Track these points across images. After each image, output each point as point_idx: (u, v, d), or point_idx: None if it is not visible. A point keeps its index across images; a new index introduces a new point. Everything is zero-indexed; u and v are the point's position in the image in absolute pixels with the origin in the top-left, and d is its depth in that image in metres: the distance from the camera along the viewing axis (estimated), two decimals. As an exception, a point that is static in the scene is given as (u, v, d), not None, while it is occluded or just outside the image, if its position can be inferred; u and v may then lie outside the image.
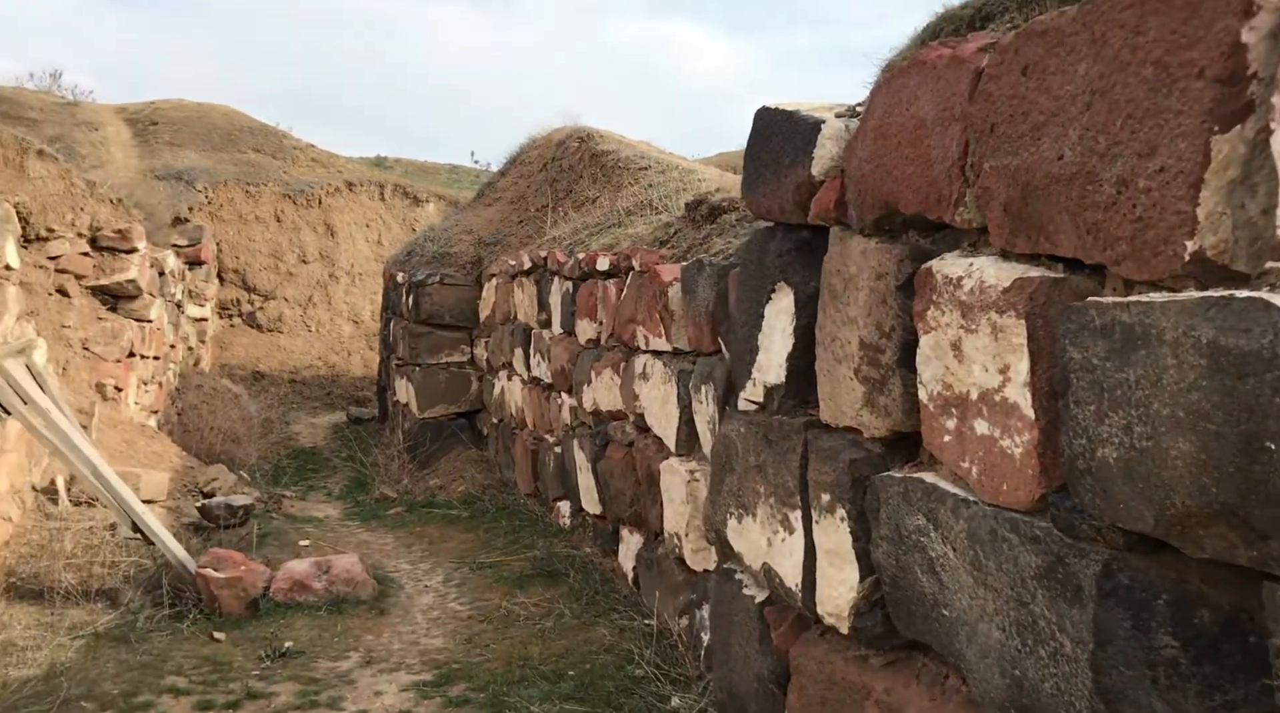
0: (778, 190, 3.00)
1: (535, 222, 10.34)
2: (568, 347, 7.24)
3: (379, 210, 18.77)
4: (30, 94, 16.97)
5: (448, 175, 23.96)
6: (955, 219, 2.19)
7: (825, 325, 2.72)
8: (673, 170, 8.40)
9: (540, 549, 6.73)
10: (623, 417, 6.11)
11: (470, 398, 10.25)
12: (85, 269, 9.44)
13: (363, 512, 8.91)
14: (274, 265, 17.11)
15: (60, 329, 9.01)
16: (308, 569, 5.93)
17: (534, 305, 8.26)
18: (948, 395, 2.18)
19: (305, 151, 19.62)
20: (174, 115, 19.26)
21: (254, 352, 16.12)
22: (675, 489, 5.08)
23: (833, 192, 2.69)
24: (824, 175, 2.75)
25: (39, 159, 9.23)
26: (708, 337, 4.83)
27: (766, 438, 3.01)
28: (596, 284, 6.68)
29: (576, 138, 10.67)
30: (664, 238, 6.23)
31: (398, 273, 11.69)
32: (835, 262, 2.68)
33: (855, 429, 2.60)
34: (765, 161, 3.11)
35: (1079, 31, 1.79)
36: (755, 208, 3.26)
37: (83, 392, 8.95)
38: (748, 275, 3.29)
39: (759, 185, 3.17)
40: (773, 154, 3.06)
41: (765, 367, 3.08)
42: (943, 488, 2.19)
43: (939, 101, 2.21)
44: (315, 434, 13.44)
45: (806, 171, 2.80)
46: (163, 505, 7.83)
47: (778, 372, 2.99)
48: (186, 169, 16.67)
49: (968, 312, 2.08)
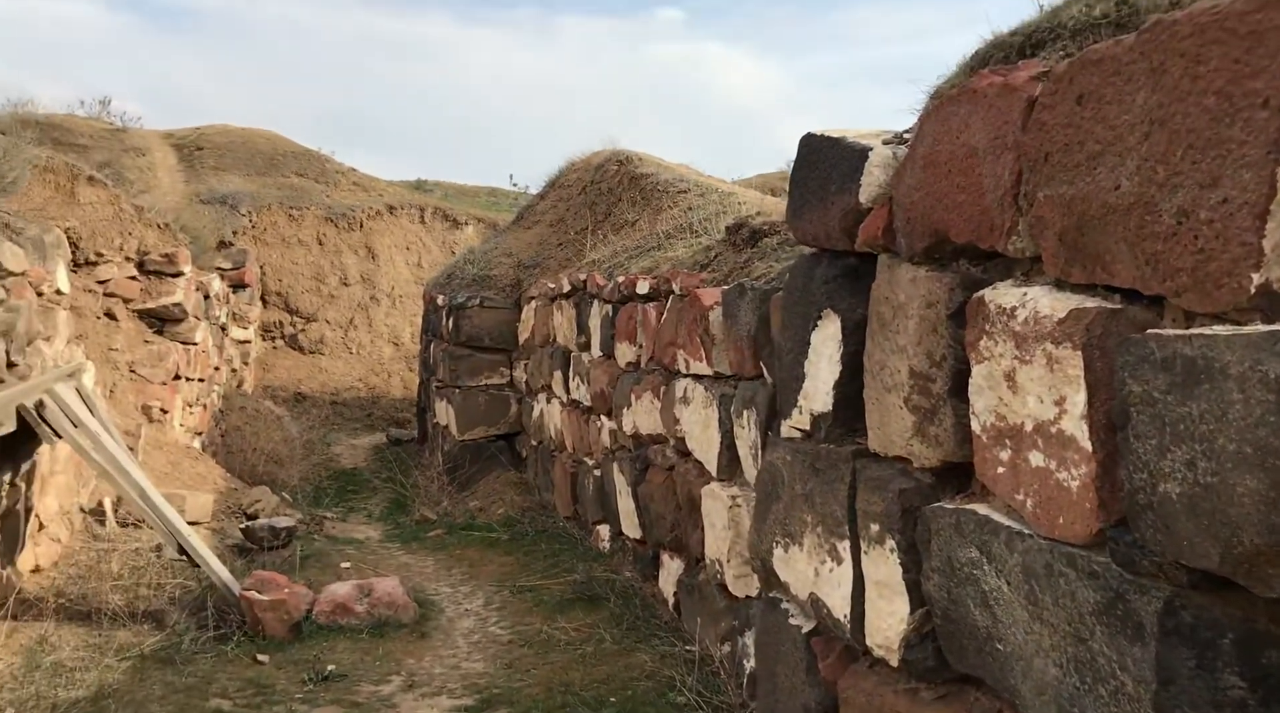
0: (824, 217, 2.99)
1: (574, 244, 10.39)
2: (607, 370, 7.24)
3: (419, 233, 18.97)
4: (80, 121, 17.38)
5: (486, 198, 24.17)
6: (1008, 248, 2.17)
7: (874, 353, 2.70)
8: (712, 193, 8.41)
9: (580, 573, 6.72)
10: (663, 441, 6.10)
11: (509, 420, 10.28)
12: (132, 293, 9.61)
13: (403, 534, 8.95)
14: (316, 288, 17.34)
15: (108, 352, 9.17)
16: (350, 592, 5.96)
17: (573, 328, 8.28)
18: (1001, 426, 2.15)
19: (347, 175, 19.89)
20: (219, 141, 19.62)
21: (296, 373, 16.31)
22: (717, 514, 5.06)
23: (881, 219, 2.68)
24: (871, 202, 2.74)
25: (89, 185, 9.44)
26: (749, 361, 4.81)
27: (813, 467, 2.99)
28: (636, 307, 6.69)
29: (615, 161, 10.72)
30: (704, 261, 6.23)
31: (438, 295, 11.78)
32: (883, 289, 2.66)
33: (905, 459, 2.58)
34: (811, 188, 3.11)
35: (1136, 61, 1.77)
36: (800, 234, 3.25)
37: (129, 414, 9.10)
38: (792, 301, 3.28)
39: (804, 211, 3.16)
40: (819, 180, 3.05)
41: (811, 394, 3.06)
42: (996, 520, 2.16)
43: (991, 130, 2.20)
44: (356, 455, 13.55)
45: (854, 198, 2.79)
46: (207, 527, 7.92)
47: (824, 399, 2.97)
48: (231, 193, 16.96)
49: (1022, 342, 2.05)
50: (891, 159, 2.71)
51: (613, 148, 11.36)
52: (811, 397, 3.06)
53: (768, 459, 3.37)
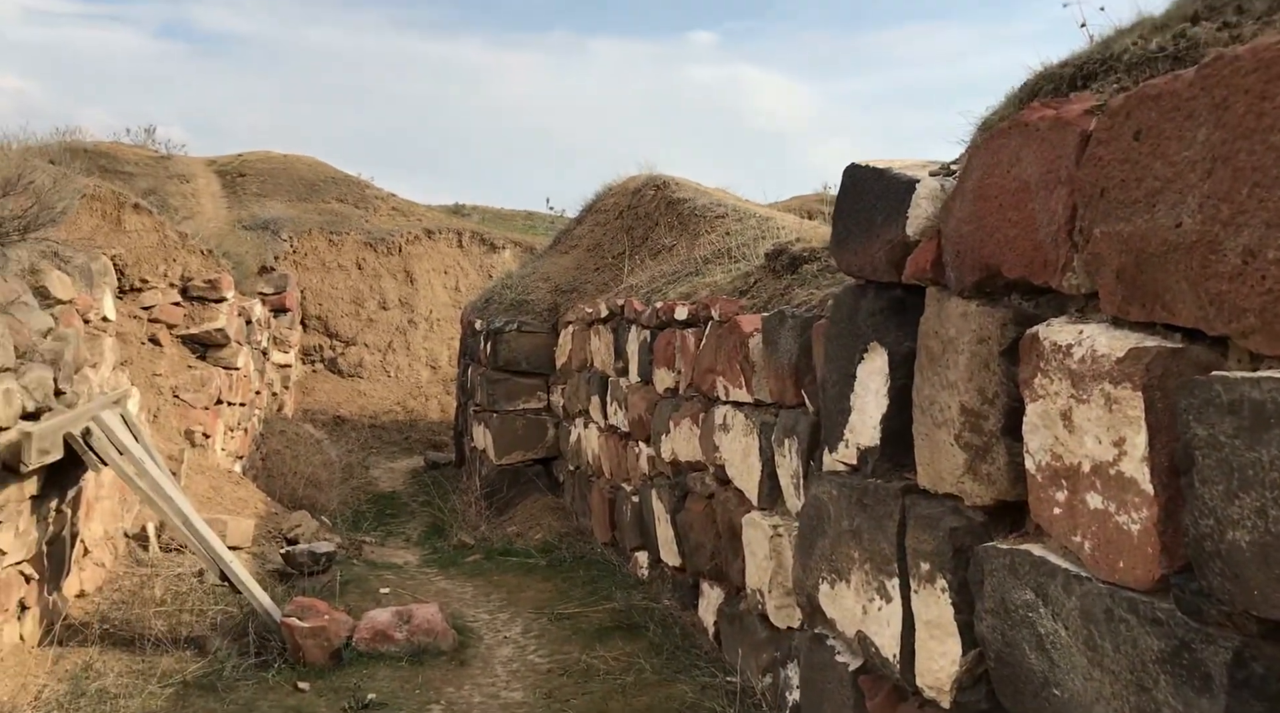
0: (869, 248, 2.96)
1: (611, 269, 10.41)
2: (645, 395, 7.22)
3: (457, 257, 19.11)
4: (126, 148, 17.72)
5: (523, 221, 24.32)
6: (1063, 284, 2.13)
7: (923, 388, 2.66)
8: (750, 218, 8.39)
9: (619, 601, 6.68)
10: (702, 468, 6.06)
11: (547, 445, 10.28)
12: (176, 318, 9.75)
13: (441, 559, 8.95)
14: (355, 312, 17.50)
15: (152, 377, 9.29)
16: (389, 619, 5.97)
17: (610, 353, 8.27)
18: (1057, 466, 2.10)
19: (386, 200, 20.11)
20: (261, 167, 19.92)
21: (335, 397, 16.45)
22: (758, 544, 5.01)
23: (929, 252, 2.64)
24: (919, 235, 2.71)
25: (135, 213, 9.60)
26: (790, 389, 4.77)
27: (861, 502, 2.94)
28: (674, 333, 6.67)
29: (652, 185, 10.74)
30: (743, 287, 6.20)
31: (475, 320, 11.84)
32: (932, 323, 2.63)
33: (956, 496, 2.53)
34: (856, 219, 3.08)
35: (1197, 96, 1.73)
36: (845, 265, 3.22)
37: (172, 439, 9.21)
38: (837, 333, 3.25)
39: (849, 242, 3.13)
40: (864, 212, 3.02)
41: (858, 428, 3.02)
42: (1052, 562, 2.11)
43: (1043, 164, 2.16)
44: (394, 479, 13.62)
45: (900, 231, 2.76)
46: (248, 552, 7.98)
47: (871, 434, 2.93)
48: (272, 219, 17.19)
49: (1078, 381, 2.01)
50: (939, 191, 2.67)
51: (649, 172, 11.38)
52: (858, 430, 3.02)
53: (812, 493, 3.33)
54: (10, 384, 4.77)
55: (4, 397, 4.67)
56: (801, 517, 3.54)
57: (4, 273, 5.50)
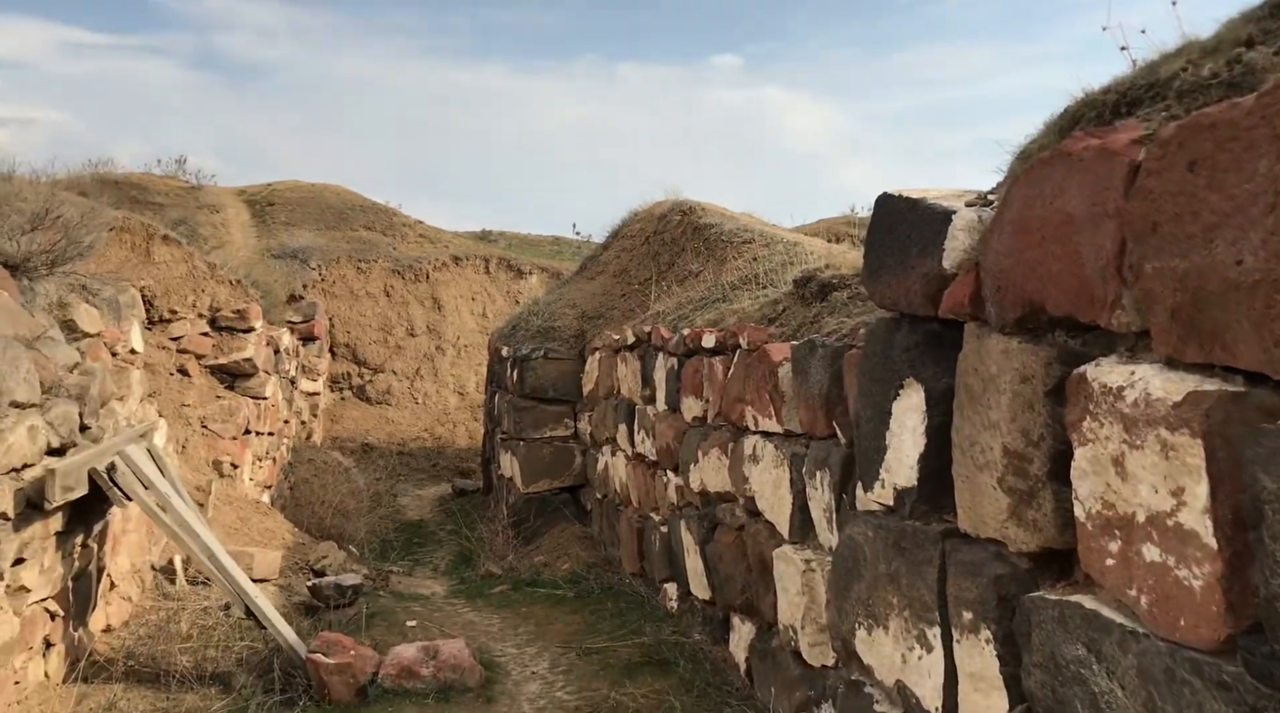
0: (904, 281, 2.86)
1: (638, 295, 10.34)
2: (673, 424, 7.13)
3: (484, 283, 19.15)
4: (157, 179, 17.93)
5: (550, 247, 24.37)
6: (1111, 322, 2.02)
7: (962, 428, 2.55)
8: (778, 243, 8.30)
9: (648, 635, 6.56)
10: (732, 499, 5.95)
11: (574, 473, 10.19)
12: (205, 349, 9.78)
13: (468, 589, 8.87)
14: (383, 339, 17.55)
15: (180, 408, 9.31)
16: (415, 655, 5.88)
17: (637, 381, 8.19)
18: (1109, 515, 1.99)
19: (414, 228, 20.21)
20: (290, 196, 20.10)
21: (363, 424, 16.47)
22: (790, 579, 4.89)
23: (967, 286, 2.54)
24: (956, 268, 2.61)
25: (163, 244, 9.66)
26: (821, 420, 4.66)
27: (898, 545, 2.83)
28: (702, 361, 6.58)
29: (679, 211, 10.68)
30: (772, 315, 6.10)
31: (502, 347, 11.80)
32: (971, 360, 2.52)
33: (999, 542, 2.41)
34: (889, 250, 2.98)
35: (1257, 126, 1.63)
36: (878, 297, 3.12)
37: (200, 469, 9.21)
38: (871, 367, 3.14)
39: (882, 274, 3.03)
40: (898, 243, 2.92)
41: (894, 467, 2.91)
42: (1106, 617, 1.99)
43: (1089, 196, 2.06)
44: (422, 507, 13.58)
45: (936, 263, 2.66)
46: (275, 584, 7.93)
47: (909, 474, 2.81)
48: (301, 248, 17.31)
49: (1131, 426, 1.90)
50: (976, 223, 2.57)
51: (675, 197, 11.33)
52: (894, 470, 2.90)
53: (847, 533, 3.21)
54: (35, 420, 4.75)
55: (28, 433, 4.65)
56: (836, 558, 3.42)
57: (31, 307, 5.50)
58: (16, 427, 4.55)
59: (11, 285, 5.42)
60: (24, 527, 4.59)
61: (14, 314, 5.09)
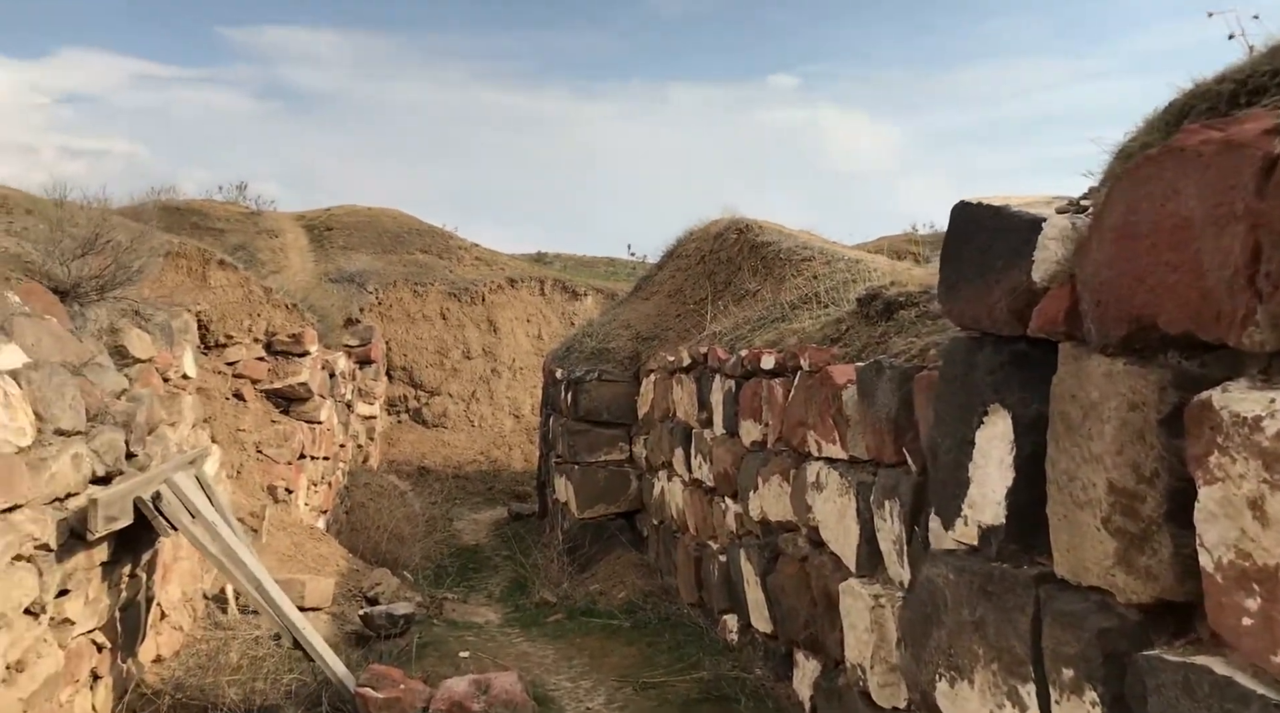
0: (986, 296, 2.59)
1: (694, 316, 10.12)
2: (731, 449, 6.88)
3: (539, 305, 19.08)
4: (218, 205, 18.18)
5: (605, 268, 24.28)
6: (1242, 341, 1.75)
7: (1059, 461, 2.28)
8: (839, 261, 8.02)
9: (708, 669, 6.29)
10: (794, 528, 5.69)
11: (629, 498, 9.96)
12: (260, 373, 9.75)
13: (523, 617, 8.68)
14: (439, 362, 17.54)
15: (236, 432, 9.28)
16: (467, 689, 5.68)
17: (694, 404, 7.95)
18: (1245, 567, 1.71)
19: (469, 251, 20.24)
20: (347, 220, 20.26)
21: (420, 447, 16.43)
22: (857, 614, 4.62)
23: (1061, 301, 2.27)
24: (1048, 281, 2.34)
25: (220, 269, 9.68)
26: (890, 446, 4.40)
27: (984, 590, 2.55)
28: (761, 383, 6.33)
29: (735, 229, 10.45)
30: (834, 335, 5.84)
31: (556, 369, 11.65)
32: (1068, 384, 2.25)
33: (1104, 590, 2.13)
34: (968, 264, 2.72)
35: None
36: (956, 315, 2.86)
37: (255, 494, 9.16)
38: (949, 392, 2.88)
39: (960, 290, 2.77)
40: (978, 255, 2.66)
41: (978, 503, 2.64)
42: (1244, 686, 1.70)
43: (1210, 196, 1.79)
44: (477, 531, 13.46)
45: (1024, 277, 2.40)
46: (327, 612, 7.81)
47: (995, 510, 2.54)
48: (358, 271, 17.39)
49: (1272, 463, 1.62)
50: (1070, 230, 2.31)
51: (731, 215, 11.10)
52: (978, 506, 2.63)
53: (925, 575, 2.94)
54: (80, 448, 4.66)
55: (73, 462, 4.56)
56: (912, 600, 3.14)
57: (80, 333, 5.45)
58: (60, 455, 4.46)
59: (61, 311, 5.37)
60: (68, 558, 4.49)
61: (62, 340, 5.03)
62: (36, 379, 4.42)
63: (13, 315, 4.62)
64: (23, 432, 4.26)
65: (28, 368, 4.43)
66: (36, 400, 4.40)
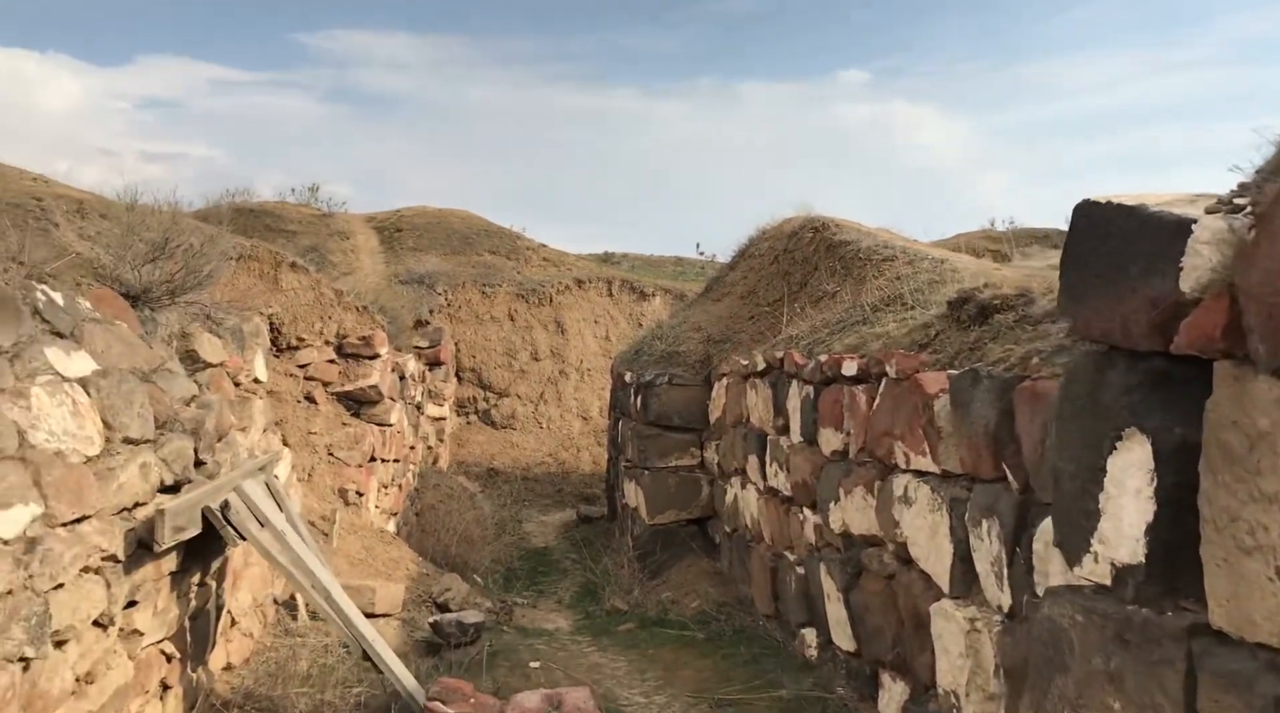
0: (1118, 307, 2.32)
1: (767, 317, 9.85)
2: (809, 457, 6.61)
3: (606, 306, 18.93)
4: (291, 208, 18.36)
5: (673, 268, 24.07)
6: None
7: (1216, 496, 2.00)
8: (922, 261, 7.68)
9: (787, 687, 6.05)
10: (879, 543, 5.42)
11: (701, 504, 9.73)
12: (331, 376, 9.73)
13: (593, 625, 8.52)
14: (507, 363, 17.49)
15: (307, 436, 9.26)
16: (538, 705, 5.51)
17: (769, 409, 7.69)
18: None
19: (537, 251, 20.19)
20: (417, 222, 20.34)
21: (489, 449, 16.39)
22: (951, 638, 4.35)
23: (1217, 314, 1.99)
24: (1199, 292, 2.06)
25: (291, 271, 9.67)
26: (988, 461, 4.13)
27: (1120, 638, 2.28)
28: (842, 390, 6.06)
29: (810, 228, 10.14)
30: (923, 340, 5.55)
31: (625, 372, 11.46)
32: (1227, 409, 1.97)
33: (1276, 649, 1.86)
34: (1096, 270, 2.44)
35: None
36: (1082, 327, 2.58)
37: (326, 497, 9.13)
38: (1075, 412, 2.60)
39: (1087, 299, 2.49)
40: (1109, 261, 2.38)
41: (1111, 538, 2.36)
42: None
43: None
44: (546, 533, 13.36)
45: (1169, 286, 2.12)
46: (397, 618, 7.73)
47: (1132, 547, 2.27)
48: (428, 273, 17.42)
49: None
50: (1227, 233, 2.03)
51: (806, 213, 10.79)
52: (1111, 541, 2.36)
53: (1046, 612, 2.66)
54: (148, 457, 4.58)
55: (140, 471, 4.48)
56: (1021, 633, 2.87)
57: (150, 339, 5.40)
58: (128, 464, 4.39)
59: (131, 316, 5.32)
60: (136, 569, 4.41)
61: (131, 346, 4.97)
62: (105, 387, 4.35)
63: (83, 321, 4.56)
64: (91, 441, 4.19)
65: (97, 375, 4.36)
66: (105, 409, 4.33)
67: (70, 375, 4.19)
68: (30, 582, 3.67)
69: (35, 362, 3.99)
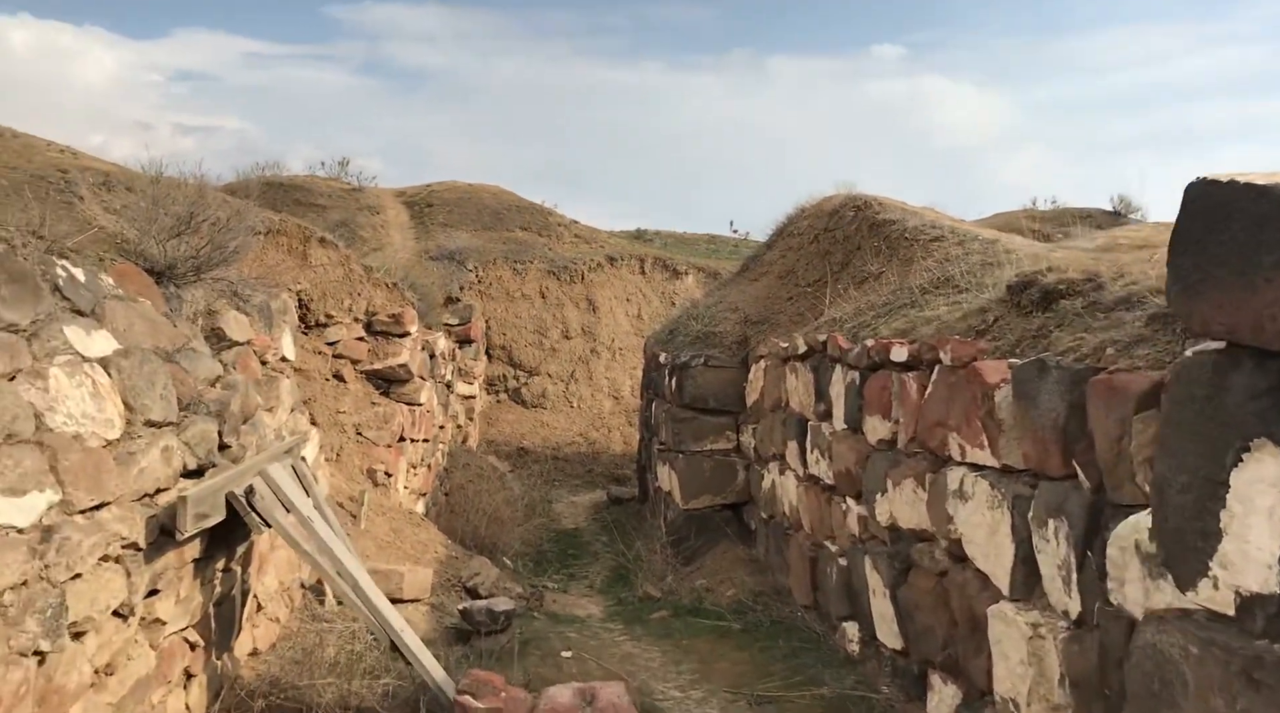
0: (1249, 302, 2.04)
1: (807, 298, 9.55)
2: (853, 446, 6.35)
3: (638, 284, 18.66)
4: (321, 181, 18.18)
5: (706, 246, 23.74)
6: None
7: (1377, 524, 1.74)
8: (973, 241, 7.37)
9: (828, 685, 5.82)
10: (930, 538, 5.16)
11: (736, 489, 9.49)
12: (360, 354, 9.55)
13: (625, 612, 8.32)
14: (538, 341, 17.28)
15: (336, 415, 9.10)
16: (570, 701, 5.32)
17: (810, 394, 7.43)
18: None
19: (569, 228, 19.92)
20: (447, 197, 20.11)
21: (519, 428, 16.22)
22: (1011, 644, 4.11)
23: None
24: (1357, 285, 1.80)
25: (320, 247, 9.49)
26: (1056, 457, 3.88)
27: (1248, 676, 2.02)
28: (890, 376, 5.79)
29: (852, 206, 9.82)
30: (979, 326, 5.26)
31: (660, 352, 11.21)
32: (1392, 423, 1.71)
33: None
34: (1217, 258, 2.17)
35: None
36: (1200, 322, 2.30)
37: (354, 478, 8.98)
38: (1188, 416, 2.33)
39: (1206, 290, 2.22)
40: (1232, 247, 2.11)
41: (1235, 562, 2.10)
42: None
43: None
44: (576, 514, 13.19)
45: (1316, 278, 1.85)
46: (426, 603, 7.57)
47: (1262, 574, 2.01)
48: (458, 249, 17.21)
49: None
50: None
51: (848, 191, 10.47)
52: (1235, 566, 2.09)
53: (1150, 640, 2.40)
54: (170, 440, 4.40)
55: (163, 455, 4.30)
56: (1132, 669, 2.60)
57: (175, 316, 5.21)
58: (150, 448, 4.21)
59: (156, 293, 5.13)
60: (157, 557, 4.25)
61: (155, 325, 4.78)
62: (126, 367, 4.17)
63: (104, 299, 4.37)
64: (111, 424, 4.01)
65: (118, 355, 4.18)
66: (126, 390, 4.15)
67: (90, 355, 4.01)
68: (46, 572, 3.50)
69: (54, 341, 3.81)
